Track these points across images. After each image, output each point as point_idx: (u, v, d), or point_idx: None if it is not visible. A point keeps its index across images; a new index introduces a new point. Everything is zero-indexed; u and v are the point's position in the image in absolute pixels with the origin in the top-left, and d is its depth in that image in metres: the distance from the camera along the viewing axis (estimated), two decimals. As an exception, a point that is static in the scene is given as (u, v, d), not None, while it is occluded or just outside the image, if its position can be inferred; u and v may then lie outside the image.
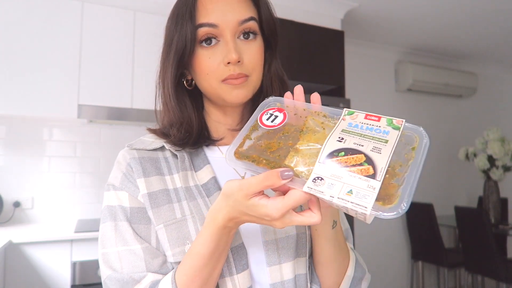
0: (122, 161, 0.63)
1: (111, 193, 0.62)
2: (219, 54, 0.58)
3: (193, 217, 0.59)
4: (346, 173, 0.41)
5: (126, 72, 2.38)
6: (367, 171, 0.41)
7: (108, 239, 0.59)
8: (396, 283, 3.65)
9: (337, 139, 0.45)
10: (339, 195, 0.40)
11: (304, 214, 0.45)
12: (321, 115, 0.50)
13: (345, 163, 0.42)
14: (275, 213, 0.44)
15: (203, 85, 0.62)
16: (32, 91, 2.16)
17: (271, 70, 0.68)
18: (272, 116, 0.52)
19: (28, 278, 1.89)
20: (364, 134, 0.45)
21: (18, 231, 2.05)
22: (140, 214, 0.60)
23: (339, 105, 2.45)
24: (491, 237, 2.65)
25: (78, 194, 2.54)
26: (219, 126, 0.68)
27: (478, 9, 2.93)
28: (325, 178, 0.42)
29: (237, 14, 0.58)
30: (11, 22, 2.16)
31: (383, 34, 3.45)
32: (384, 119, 0.46)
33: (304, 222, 0.45)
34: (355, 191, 0.40)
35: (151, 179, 0.61)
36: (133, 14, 2.42)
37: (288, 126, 0.50)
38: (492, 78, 4.53)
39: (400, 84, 3.82)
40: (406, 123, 0.46)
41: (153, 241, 0.59)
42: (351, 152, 0.43)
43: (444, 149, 4.07)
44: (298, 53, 2.43)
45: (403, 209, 0.37)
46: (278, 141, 0.48)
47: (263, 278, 0.60)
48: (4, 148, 2.40)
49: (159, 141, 0.65)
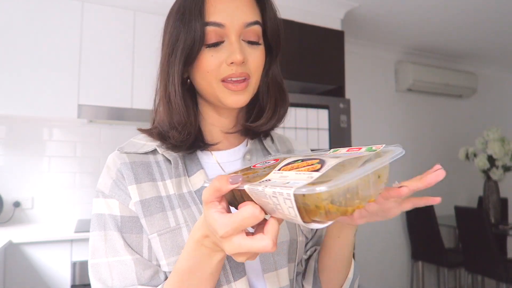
0: (112, 166, 0.61)
1: (100, 200, 0.60)
2: (222, 53, 0.58)
3: (187, 225, 0.57)
4: (294, 172, 0.40)
5: (126, 72, 2.38)
6: (314, 168, 0.39)
7: (97, 249, 0.56)
8: (396, 283, 3.65)
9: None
10: (273, 185, 0.37)
11: (253, 237, 0.39)
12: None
13: (298, 167, 0.41)
14: (221, 230, 0.39)
15: (201, 84, 0.61)
16: (32, 91, 2.16)
17: (269, 75, 0.67)
18: (266, 162, 0.52)
19: (28, 278, 1.89)
20: (335, 156, 0.43)
21: (18, 231, 2.05)
22: (132, 223, 0.57)
23: (339, 105, 2.45)
24: (491, 237, 2.65)
25: (78, 194, 2.54)
26: (213, 129, 0.67)
27: (478, 9, 2.93)
28: (272, 179, 0.40)
29: (244, 16, 0.58)
30: (11, 22, 2.16)
31: (383, 34, 3.45)
32: (364, 147, 0.45)
33: (253, 246, 0.38)
34: (292, 181, 0.37)
35: (143, 186, 0.59)
36: (133, 14, 2.42)
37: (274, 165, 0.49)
38: (492, 78, 4.53)
39: (400, 84, 3.82)
40: (388, 146, 0.44)
41: (144, 251, 0.57)
42: (308, 159, 0.42)
43: (444, 149, 4.07)
44: (298, 53, 2.43)
45: (329, 186, 0.34)
46: (257, 171, 0.47)
47: (260, 285, 0.60)
48: (4, 148, 2.41)
49: (150, 144, 0.63)
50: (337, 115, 2.44)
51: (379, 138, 3.72)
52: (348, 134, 2.47)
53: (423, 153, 3.97)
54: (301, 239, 0.65)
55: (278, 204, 0.37)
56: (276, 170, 0.42)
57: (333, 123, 2.42)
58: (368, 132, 3.65)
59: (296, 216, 0.37)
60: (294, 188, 0.35)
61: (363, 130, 3.60)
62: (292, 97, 2.30)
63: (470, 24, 3.21)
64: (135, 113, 2.37)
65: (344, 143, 2.44)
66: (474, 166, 3.21)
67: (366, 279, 3.44)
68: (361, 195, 0.39)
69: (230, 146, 0.68)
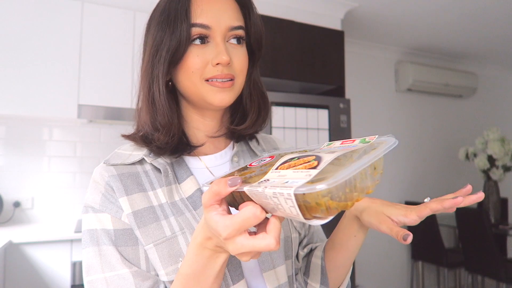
0: (99, 180, 0.59)
1: (90, 215, 0.58)
2: (208, 54, 0.58)
3: (183, 232, 0.57)
4: (292, 171, 0.40)
5: (126, 72, 2.38)
6: (311, 165, 0.39)
7: (92, 265, 0.55)
8: (396, 283, 3.66)
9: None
10: (272, 185, 0.37)
11: (256, 237, 0.39)
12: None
13: (295, 165, 0.41)
14: (223, 231, 0.39)
15: (185, 84, 0.60)
16: (32, 91, 2.16)
17: (251, 79, 0.68)
18: (261, 160, 0.52)
19: (28, 278, 1.89)
20: (330, 150, 0.43)
21: (18, 231, 2.05)
22: (126, 236, 0.56)
23: (339, 105, 2.45)
24: (491, 237, 2.65)
25: (78, 194, 2.54)
26: (197, 133, 0.66)
27: (478, 9, 2.93)
28: (271, 179, 0.40)
29: (229, 20, 0.59)
30: (11, 22, 2.15)
31: (383, 34, 3.45)
32: (358, 139, 0.45)
33: (256, 245, 0.39)
34: (291, 181, 0.37)
35: (134, 197, 0.58)
36: (133, 14, 2.42)
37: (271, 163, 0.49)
38: (492, 78, 4.53)
39: (400, 84, 3.82)
40: (380, 137, 0.44)
41: (142, 262, 0.56)
42: (304, 157, 0.42)
43: (444, 149, 4.07)
44: (298, 53, 2.43)
45: (329, 183, 0.34)
46: (254, 170, 0.47)
47: (260, 285, 0.60)
48: (4, 148, 2.40)
49: (137, 153, 0.62)
50: (337, 115, 2.44)
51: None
52: (348, 134, 2.47)
53: (423, 153, 3.97)
54: (295, 235, 0.67)
55: (279, 204, 0.37)
56: (274, 169, 0.43)
57: (333, 123, 2.42)
58: (368, 132, 3.65)
59: (298, 215, 0.37)
60: (294, 187, 0.35)
61: (363, 130, 3.60)
62: (292, 97, 2.30)
63: (470, 24, 3.21)
64: (135, 113, 2.36)
65: (344, 143, 2.44)
66: (474, 166, 3.21)
67: (366, 279, 3.44)
68: (359, 188, 0.40)
69: (215, 150, 0.68)
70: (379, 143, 0.43)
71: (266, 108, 0.69)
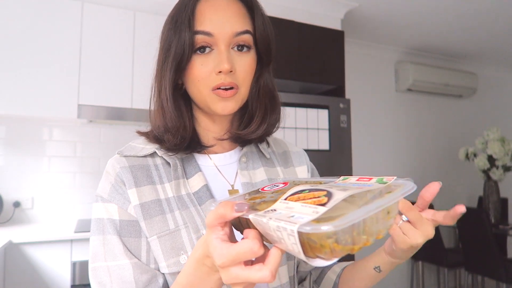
0: (111, 171, 0.61)
1: (99, 205, 0.60)
2: (211, 62, 0.59)
3: (186, 226, 0.58)
4: (300, 204, 0.38)
5: (126, 72, 2.38)
6: (320, 201, 0.37)
7: (97, 253, 0.58)
8: (396, 283, 3.65)
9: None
10: (277, 218, 0.36)
11: (251, 268, 0.38)
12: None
13: (304, 198, 0.39)
14: (218, 259, 0.39)
15: (193, 92, 0.62)
16: (32, 91, 2.16)
17: (259, 82, 0.67)
18: (274, 186, 0.51)
19: (28, 278, 1.89)
20: (344, 186, 0.42)
21: (18, 231, 2.05)
22: (131, 227, 0.58)
23: (339, 105, 2.45)
24: (491, 237, 2.65)
25: (78, 194, 2.54)
26: (208, 134, 0.68)
27: (478, 9, 2.93)
28: (278, 210, 0.39)
29: (233, 26, 0.59)
30: (11, 22, 2.15)
31: (383, 34, 3.45)
32: (375, 178, 0.44)
33: (250, 277, 0.37)
34: (297, 215, 0.36)
35: (143, 189, 0.60)
36: (133, 14, 2.42)
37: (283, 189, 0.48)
38: (492, 78, 4.53)
39: (400, 84, 3.82)
40: (399, 179, 0.42)
41: (143, 254, 0.58)
42: (315, 190, 0.41)
43: (444, 149, 4.07)
44: (298, 53, 2.43)
45: (336, 225, 0.32)
46: (265, 195, 0.46)
47: (261, 284, 0.60)
48: (4, 148, 2.41)
49: (150, 146, 0.64)
50: (337, 115, 2.44)
51: (379, 138, 3.72)
52: (348, 134, 2.47)
53: (423, 153, 3.97)
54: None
55: (282, 238, 0.36)
56: (283, 199, 0.41)
57: (333, 123, 2.42)
58: (368, 132, 3.65)
59: (299, 253, 0.36)
60: (298, 224, 0.34)
61: (363, 130, 3.60)
62: (292, 97, 2.30)
63: (470, 24, 3.21)
64: (135, 113, 2.37)
65: (344, 143, 2.44)
66: (474, 166, 3.21)
67: (366, 279, 3.43)
68: (369, 231, 0.38)
69: (224, 150, 0.69)
70: (396, 186, 0.41)
71: (275, 111, 0.69)
